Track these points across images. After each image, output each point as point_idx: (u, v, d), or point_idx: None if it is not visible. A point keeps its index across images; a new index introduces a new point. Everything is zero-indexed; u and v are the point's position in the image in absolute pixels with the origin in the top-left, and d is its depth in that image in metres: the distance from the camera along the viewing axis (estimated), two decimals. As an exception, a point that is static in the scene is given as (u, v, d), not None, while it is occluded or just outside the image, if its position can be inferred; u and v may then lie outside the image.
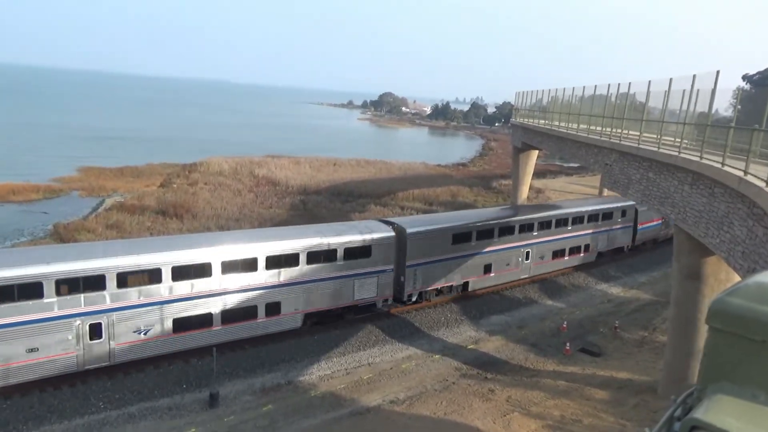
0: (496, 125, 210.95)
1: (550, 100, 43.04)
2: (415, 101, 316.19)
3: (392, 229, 28.86)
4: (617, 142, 25.05)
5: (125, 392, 20.91)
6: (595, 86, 32.07)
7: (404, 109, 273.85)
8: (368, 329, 27.57)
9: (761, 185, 12.59)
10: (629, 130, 25.53)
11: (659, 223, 45.44)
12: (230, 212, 49.24)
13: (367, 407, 21.38)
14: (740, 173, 13.82)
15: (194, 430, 19.38)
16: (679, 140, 19.92)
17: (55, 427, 18.89)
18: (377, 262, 27.87)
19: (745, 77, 65.88)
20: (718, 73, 16.65)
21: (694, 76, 18.53)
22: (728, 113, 18.48)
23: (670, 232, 40.15)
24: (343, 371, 24.25)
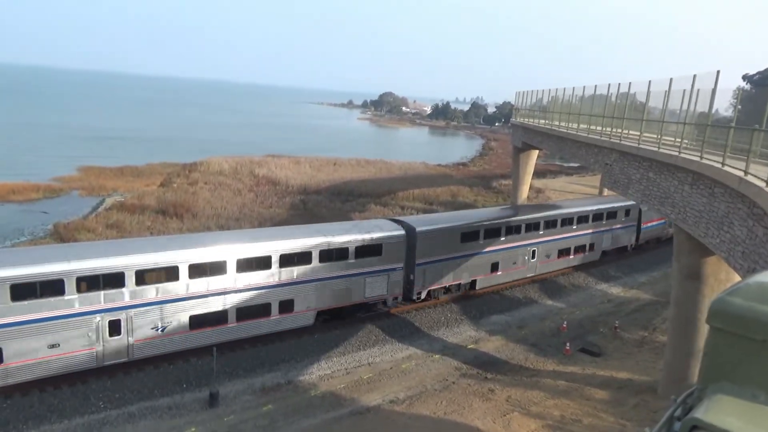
0: (496, 125, 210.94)
1: (550, 99, 43.01)
2: (415, 101, 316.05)
3: (402, 227, 29.07)
4: (617, 141, 25.04)
5: (125, 391, 20.91)
6: (595, 86, 32.07)
7: (404, 108, 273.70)
8: (368, 329, 27.57)
9: (761, 185, 12.59)
10: (629, 129, 25.53)
11: (663, 222, 45.46)
12: (230, 212, 49.23)
13: (367, 407, 21.38)
14: (740, 173, 13.82)
15: (194, 429, 19.38)
16: (679, 140, 19.92)
17: (55, 426, 18.88)
18: (388, 260, 28.17)
19: (745, 77, 65.88)
20: (718, 73, 16.66)
21: (694, 76, 18.53)
22: (728, 113, 18.48)
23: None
24: (343, 371, 24.25)
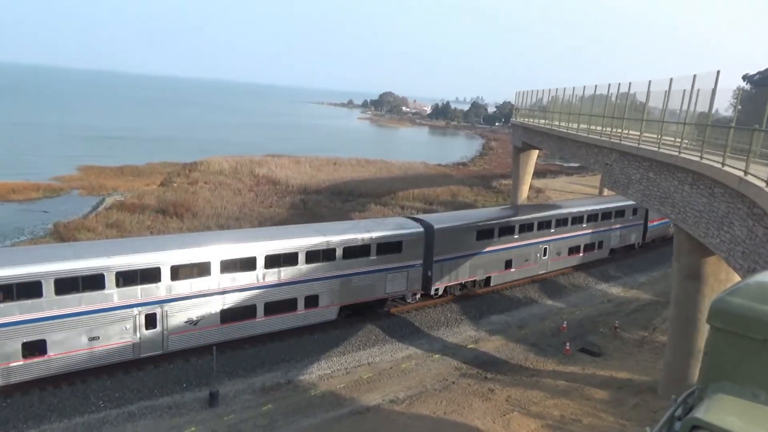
0: (496, 125, 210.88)
1: (550, 99, 43.05)
2: (415, 101, 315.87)
3: (421, 225, 29.82)
4: (617, 141, 25.06)
5: (125, 391, 20.91)
6: (595, 86, 32.10)
7: (404, 108, 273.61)
8: (368, 329, 27.58)
9: (761, 185, 12.59)
10: (629, 129, 25.54)
11: (668, 221, 45.75)
12: (230, 211, 49.22)
13: (366, 407, 21.38)
14: (740, 173, 13.82)
15: (194, 429, 19.38)
16: (679, 140, 19.93)
17: (54, 425, 18.88)
18: (407, 257, 28.89)
19: (745, 77, 65.88)
20: (718, 73, 16.66)
21: (694, 76, 18.54)
22: (728, 113, 18.48)
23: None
24: (342, 371, 24.26)
